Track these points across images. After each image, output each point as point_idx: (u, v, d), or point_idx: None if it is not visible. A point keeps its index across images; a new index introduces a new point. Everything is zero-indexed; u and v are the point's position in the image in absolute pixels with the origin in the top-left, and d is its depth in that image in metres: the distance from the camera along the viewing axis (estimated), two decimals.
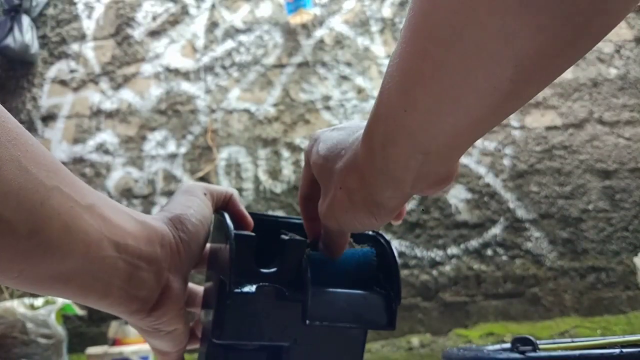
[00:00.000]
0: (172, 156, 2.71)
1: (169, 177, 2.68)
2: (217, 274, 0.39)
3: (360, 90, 2.72)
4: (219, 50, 2.79)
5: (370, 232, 0.45)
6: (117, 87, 2.79)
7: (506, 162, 2.63)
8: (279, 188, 2.65)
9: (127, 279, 0.34)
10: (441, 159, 0.29)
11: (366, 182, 0.33)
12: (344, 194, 0.34)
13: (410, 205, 2.60)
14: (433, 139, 0.28)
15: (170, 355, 0.41)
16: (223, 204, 0.43)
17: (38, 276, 0.30)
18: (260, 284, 0.38)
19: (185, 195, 0.40)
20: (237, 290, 0.37)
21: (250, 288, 0.37)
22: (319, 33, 2.79)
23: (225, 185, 2.67)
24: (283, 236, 0.40)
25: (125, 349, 2.08)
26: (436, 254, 2.57)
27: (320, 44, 2.78)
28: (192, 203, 0.40)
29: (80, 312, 2.17)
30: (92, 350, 2.15)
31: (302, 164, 2.96)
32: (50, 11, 2.90)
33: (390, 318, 0.41)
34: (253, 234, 0.39)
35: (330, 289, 0.39)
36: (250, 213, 0.44)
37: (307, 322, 0.38)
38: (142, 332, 0.39)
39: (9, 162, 0.27)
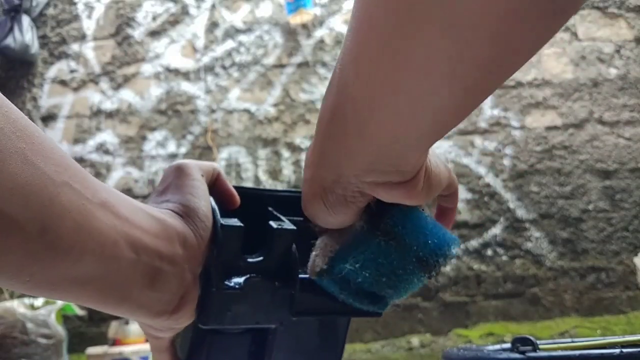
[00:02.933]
0: (172, 156, 2.71)
1: None
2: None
3: None
4: (219, 50, 2.80)
5: None
6: (117, 87, 2.79)
7: (506, 162, 2.63)
8: (279, 188, 2.65)
9: (149, 283, 0.33)
10: (387, 150, 0.29)
11: (313, 162, 0.33)
12: (305, 180, 0.34)
13: None
14: (376, 123, 0.27)
15: (164, 340, 0.40)
16: (211, 183, 0.41)
17: (51, 280, 0.28)
18: (248, 275, 0.37)
19: (185, 180, 0.38)
20: (225, 283, 0.36)
21: (238, 280, 0.37)
22: (319, 33, 2.79)
23: None
24: (272, 223, 0.39)
25: (125, 349, 2.08)
26: None
27: (321, 44, 2.78)
28: (198, 190, 0.38)
29: (80, 312, 2.17)
30: (92, 350, 2.15)
31: (302, 164, 2.97)
32: (50, 11, 2.90)
33: (377, 307, 0.42)
34: (241, 224, 0.37)
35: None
36: (237, 187, 0.43)
37: (295, 313, 0.38)
38: (152, 329, 0.38)
39: (14, 155, 0.26)
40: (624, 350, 0.44)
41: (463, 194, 2.59)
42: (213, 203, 0.38)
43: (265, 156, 2.69)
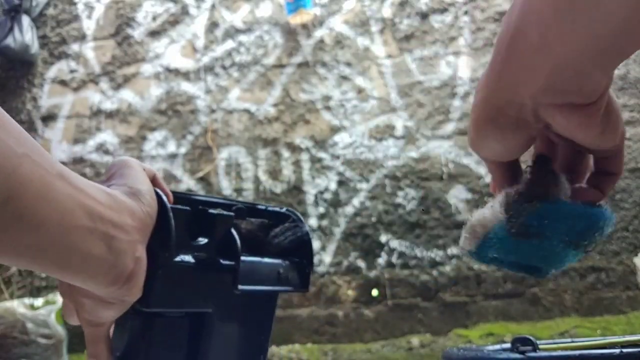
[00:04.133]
0: (172, 156, 2.71)
1: (169, 177, 2.68)
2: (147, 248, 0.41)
3: (360, 90, 2.72)
4: (219, 50, 2.80)
5: (284, 210, 0.50)
6: (117, 87, 2.79)
7: None
8: (279, 188, 2.65)
9: (106, 249, 0.34)
10: (569, 65, 0.29)
11: (488, 84, 0.33)
12: (475, 105, 0.34)
13: (410, 205, 2.60)
14: (560, 33, 0.27)
15: (104, 327, 0.41)
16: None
17: (15, 247, 0.30)
18: (196, 254, 0.40)
19: (129, 169, 0.40)
20: (177, 260, 0.39)
21: (188, 258, 0.40)
22: (319, 33, 2.79)
23: (226, 186, 2.67)
24: (212, 210, 0.42)
25: None
26: (436, 254, 2.57)
27: (320, 44, 2.78)
28: (141, 176, 0.40)
29: None
30: None
31: (302, 164, 2.96)
32: (50, 11, 2.90)
33: (305, 281, 0.47)
34: (188, 207, 0.41)
35: (254, 258, 0.44)
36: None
37: (238, 287, 0.41)
38: (100, 304, 0.39)
39: None
40: (624, 350, 0.44)
41: (463, 193, 2.59)
42: (158, 190, 0.41)
43: (265, 156, 2.69)
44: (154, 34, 2.83)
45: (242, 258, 0.42)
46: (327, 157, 2.65)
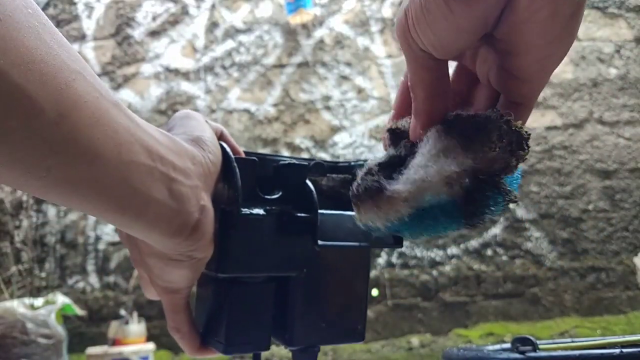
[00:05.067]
0: None
1: None
2: (215, 208, 0.37)
3: (360, 90, 2.72)
4: (219, 50, 2.80)
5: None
6: (117, 87, 2.79)
7: None
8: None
9: (167, 193, 0.31)
10: None
11: None
12: None
13: None
14: None
15: (180, 293, 0.37)
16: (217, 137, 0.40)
17: (69, 179, 0.26)
18: (268, 208, 0.36)
19: (192, 121, 0.37)
20: (245, 212, 0.35)
21: (258, 211, 0.36)
22: (319, 33, 2.79)
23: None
24: (282, 162, 0.39)
25: (125, 349, 2.08)
26: (436, 254, 2.57)
27: (320, 44, 2.78)
28: (203, 126, 0.37)
29: (80, 312, 2.17)
30: (92, 350, 2.15)
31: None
32: (50, 11, 2.90)
33: (398, 237, 0.40)
34: (254, 158, 0.38)
35: (336, 212, 0.38)
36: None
37: (319, 243, 0.36)
38: (170, 263, 0.35)
39: (28, 29, 0.24)
40: (624, 350, 0.44)
41: None
42: (226, 147, 0.38)
43: None
44: (154, 34, 2.83)
45: (322, 212, 0.37)
46: (327, 157, 2.65)
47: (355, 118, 2.68)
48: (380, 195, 0.31)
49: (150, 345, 2.14)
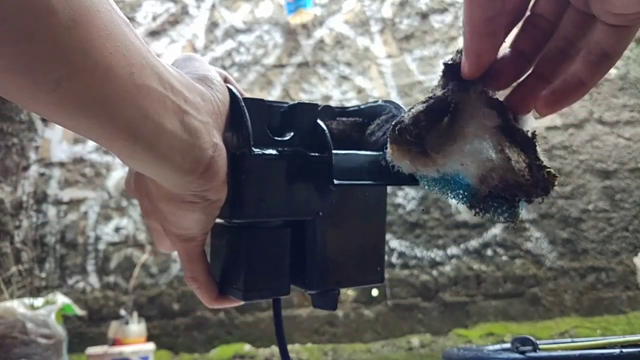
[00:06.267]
0: None
1: None
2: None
3: (360, 90, 2.72)
4: (219, 50, 2.80)
5: (379, 102, 0.43)
6: None
7: None
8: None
9: (179, 125, 0.30)
10: None
11: None
12: None
13: (410, 205, 2.60)
14: None
15: (195, 240, 0.36)
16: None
17: (78, 94, 0.25)
18: (280, 149, 0.36)
19: (195, 62, 0.36)
20: (257, 152, 0.34)
21: (271, 151, 0.35)
22: (319, 33, 2.79)
23: None
24: (291, 103, 0.38)
25: (125, 349, 2.08)
26: (436, 254, 2.57)
27: (320, 44, 2.78)
28: (209, 67, 0.36)
29: (80, 312, 2.17)
30: (92, 350, 2.15)
31: None
32: None
33: (412, 174, 0.39)
34: (263, 99, 0.37)
35: (350, 152, 0.38)
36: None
37: (334, 182, 0.35)
38: (182, 206, 0.34)
39: None
40: (624, 350, 0.44)
41: None
42: (233, 88, 0.37)
43: None
44: (154, 34, 2.83)
45: (336, 152, 0.36)
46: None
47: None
48: (419, 152, 0.34)
49: (150, 345, 2.14)
